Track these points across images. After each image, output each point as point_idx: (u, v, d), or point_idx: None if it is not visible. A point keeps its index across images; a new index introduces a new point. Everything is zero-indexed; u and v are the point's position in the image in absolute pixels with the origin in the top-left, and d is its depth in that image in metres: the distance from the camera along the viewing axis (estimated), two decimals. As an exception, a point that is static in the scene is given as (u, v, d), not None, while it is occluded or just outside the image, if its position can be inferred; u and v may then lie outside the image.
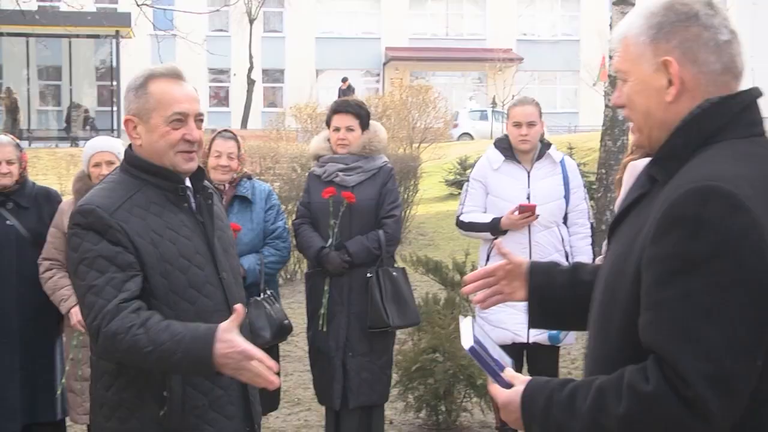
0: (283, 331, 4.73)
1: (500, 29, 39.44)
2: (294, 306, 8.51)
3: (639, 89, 1.86)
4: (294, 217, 5.23)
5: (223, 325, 2.37)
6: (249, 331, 4.60)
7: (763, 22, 18.48)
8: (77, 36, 26.13)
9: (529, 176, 4.97)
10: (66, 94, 30.15)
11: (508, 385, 1.93)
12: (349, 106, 5.03)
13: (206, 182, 2.76)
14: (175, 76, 2.65)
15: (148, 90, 2.61)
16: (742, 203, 1.60)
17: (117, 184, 2.65)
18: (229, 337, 2.34)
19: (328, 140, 5.10)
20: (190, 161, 2.64)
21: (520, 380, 1.92)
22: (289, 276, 10.09)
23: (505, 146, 5.04)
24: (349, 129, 4.97)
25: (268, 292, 4.75)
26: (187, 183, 2.71)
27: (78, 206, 2.60)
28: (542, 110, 5.11)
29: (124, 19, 23.74)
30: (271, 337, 4.65)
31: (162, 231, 2.57)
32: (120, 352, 2.43)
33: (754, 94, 1.83)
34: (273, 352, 4.88)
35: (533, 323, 2.35)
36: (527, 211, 4.75)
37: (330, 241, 4.80)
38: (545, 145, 5.07)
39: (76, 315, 4.50)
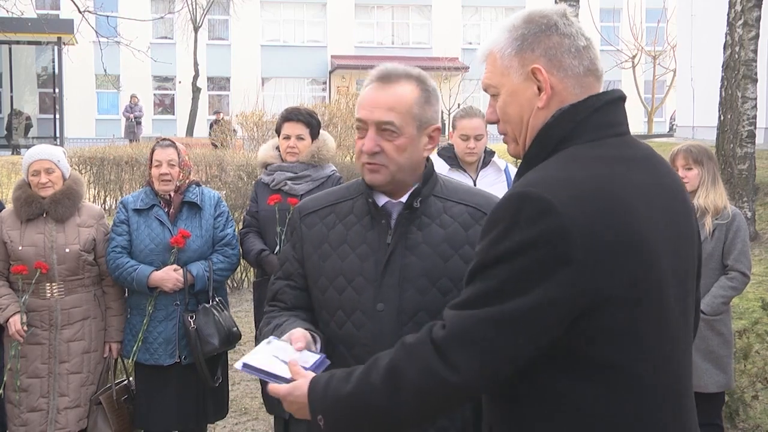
0: (231, 338, 4.72)
1: (446, 38, 39.77)
2: (241, 314, 8.48)
3: (511, 100, 1.93)
4: (241, 226, 5.22)
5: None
6: (197, 337, 4.61)
7: (701, 32, 18.92)
8: (17, 42, 25.70)
9: (475, 184, 4.98)
10: (6, 101, 29.57)
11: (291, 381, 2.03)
12: (300, 114, 5.05)
13: (417, 202, 2.43)
14: (380, 78, 2.40)
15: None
16: (554, 208, 1.68)
17: (343, 187, 2.59)
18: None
19: (277, 149, 5.12)
20: (371, 173, 2.39)
21: (304, 374, 2.03)
22: (236, 284, 10.04)
23: (449, 155, 5.07)
24: (299, 137, 5.00)
25: (217, 299, 4.75)
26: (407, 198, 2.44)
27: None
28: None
29: (67, 26, 23.38)
30: (219, 344, 4.64)
31: (338, 245, 2.43)
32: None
33: (615, 95, 1.90)
34: (221, 359, 4.88)
35: None
36: None
37: (277, 248, 4.80)
38: (488, 153, 5.12)
39: (14, 325, 4.42)
